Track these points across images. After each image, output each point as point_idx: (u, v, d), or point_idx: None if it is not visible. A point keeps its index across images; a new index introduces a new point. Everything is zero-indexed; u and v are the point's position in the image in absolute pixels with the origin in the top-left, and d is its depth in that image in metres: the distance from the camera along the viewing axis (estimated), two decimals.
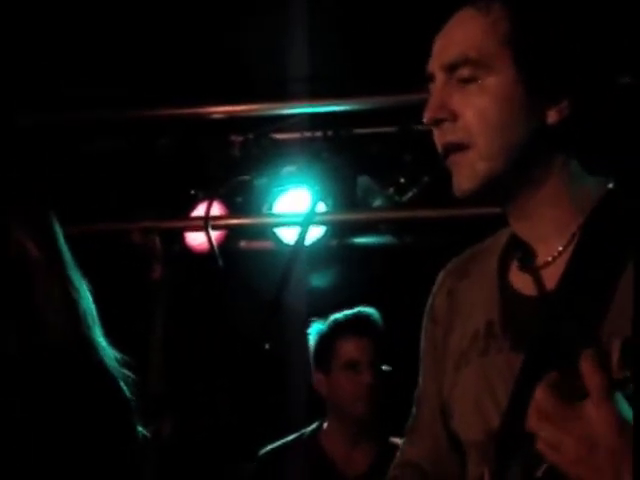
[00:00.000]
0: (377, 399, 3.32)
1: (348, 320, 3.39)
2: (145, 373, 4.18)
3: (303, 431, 3.46)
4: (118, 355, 2.10)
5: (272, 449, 3.43)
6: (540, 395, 1.23)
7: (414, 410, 1.74)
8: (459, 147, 1.49)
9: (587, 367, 1.20)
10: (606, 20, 1.55)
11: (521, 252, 1.54)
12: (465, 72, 1.48)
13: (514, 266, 1.56)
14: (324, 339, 3.39)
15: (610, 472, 1.20)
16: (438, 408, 1.66)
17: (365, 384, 3.29)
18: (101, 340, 2.09)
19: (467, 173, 1.49)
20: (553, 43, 1.47)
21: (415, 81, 1.60)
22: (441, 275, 1.72)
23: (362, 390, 3.30)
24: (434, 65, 1.53)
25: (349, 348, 3.34)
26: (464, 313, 1.62)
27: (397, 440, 3.41)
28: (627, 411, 1.19)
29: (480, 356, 1.55)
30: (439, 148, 1.52)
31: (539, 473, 1.29)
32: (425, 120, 1.51)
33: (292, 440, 3.44)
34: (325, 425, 3.44)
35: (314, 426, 3.46)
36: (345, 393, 3.34)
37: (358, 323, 3.38)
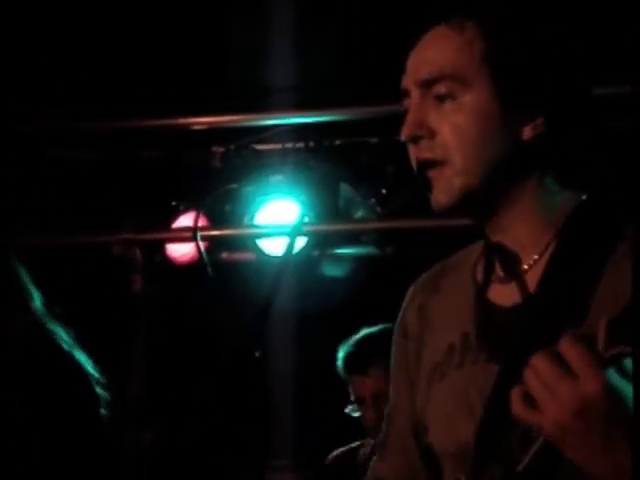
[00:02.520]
0: None
1: (346, 359, 3.47)
2: (127, 383, 4.16)
3: (365, 439, 3.54)
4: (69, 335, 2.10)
5: (338, 453, 3.56)
6: (536, 357, 1.24)
7: (384, 426, 1.74)
8: (436, 163, 1.50)
9: (564, 342, 1.22)
10: (581, 35, 1.57)
11: (496, 263, 1.55)
12: (441, 89, 1.49)
13: (488, 278, 1.56)
14: (341, 374, 3.49)
15: (598, 441, 1.22)
16: (410, 424, 1.66)
17: (371, 420, 3.37)
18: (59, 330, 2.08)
19: (444, 188, 1.50)
20: (528, 61, 1.49)
21: (398, 92, 1.60)
22: (411, 290, 1.71)
23: (370, 425, 3.38)
24: (409, 81, 1.53)
25: (353, 387, 3.46)
26: (437, 328, 1.62)
27: None
28: (619, 384, 1.21)
29: (455, 369, 1.55)
30: (414, 164, 1.53)
31: (520, 468, 1.29)
32: (403, 137, 1.52)
33: (357, 446, 3.56)
34: None
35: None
36: (365, 426, 3.45)
37: (353, 362, 3.45)
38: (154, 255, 4.37)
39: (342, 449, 3.54)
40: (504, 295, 1.52)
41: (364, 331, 3.47)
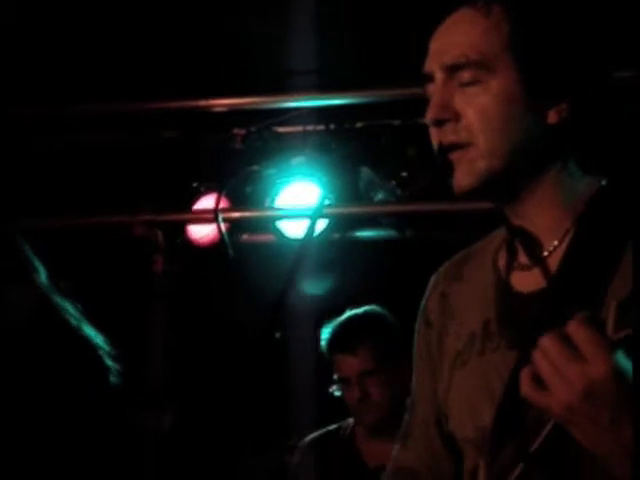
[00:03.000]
0: (374, 407, 3.35)
1: (336, 334, 3.43)
2: (146, 365, 4.19)
3: (343, 422, 3.52)
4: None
5: (315, 437, 3.51)
6: (544, 338, 1.25)
7: (407, 415, 1.74)
8: (459, 146, 1.50)
9: (572, 324, 1.23)
10: (604, 19, 1.56)
11: (517, 249, 1.55)
12: (466, 74, 1.49)
13: (509, 265, 1.57)
14: (325, 354, 3.46)
15: (605, 423, 1.22)
16: (432, 411, 1.66)
17: (356, 399, 3.35)
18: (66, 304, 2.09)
19: (467, 170, 1.50)
20: (553, 45, 1.49)
21: (419, 75, 1.60)
22: (433, 278, 1.73)
23: (355, 404, 3.36)
24: (433, 65, 1.53)
25: (338, 365, 3.41)
26: (459, 315, 1.63)
27: None
28: (627, 366, 1.21)
29: (477, 356, 1.56)
30: (435, 147, 1.53)
31: (533, 447, 1.30)
32: (428, 120, 1.52)
33: (332, 430, 3.52)
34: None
35: (352, 419, 3.50)
36: (348, 405, 3.42)
37: (345, 337, 3.41)
38: (175, 236, 4.39)
39: (319, 432, 3.52)
40: (525, 281, 1.53)
41: (349, 312, 3.45)
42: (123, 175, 4.27)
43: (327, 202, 4.05)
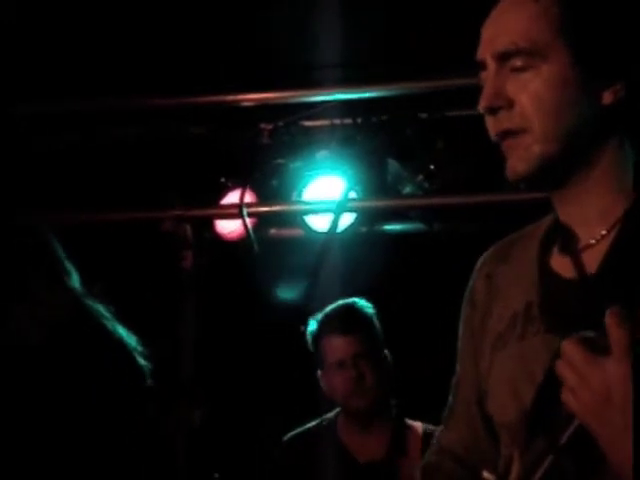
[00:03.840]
0: (368, 391, 3.36)
1: (327, 319, 3.43)
2: (177, 362, 4.21)
3: (324, 417, 3.51)
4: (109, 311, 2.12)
5: (294, 435, 3.48)
6: (567, 344, 1.25)
7: (450, 397, 1.75)
8: (515, 132, 1.49)
9: (611, 322, 1.22)
10: None
11: (563, 235, 1.54)
12: (518, 62, 1.49)
13: (555, 250, 1.56)
14: (315, 340, 3.45)
15: (620, 428, 1.22)
16: (475, 393, 1.67)
17: (351, 380, 3.34)
18: (99, 307, 2.10)
19: (522, 156, 1.49)
20: (605, 25, 1.48)
21: (447, 67, 1.59)
22: (480, 260, 1.72)
23: (350, 386, 3.35)
24: (485, 53, 1.53)
25: (332, 347, 3.40)
26: (502, 297, 1.63)
27: (414, 423, 3.44)
28: None
29: (518, 339, 1.55)
30: (492, 135, 1.52)
31: (563, 439, 1.30)
32: (481, 108, 1.51)
33: (313, 427, 3.50)
34: (340, 415, 3.50)
35: (335, 412, 3.50)
36: (337, 391, 3.41)
37: (336, 320, 3.42)
38: (204, 231, 4.41)
39: (299, 429, 3.50)
40: (568, 266, 1.52)
41: (338, 302, 3.45)
42: (152, 171, 4.29)
43: (352, 196, 4.05)
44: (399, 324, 3.64)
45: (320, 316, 3.44)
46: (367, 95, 3.99)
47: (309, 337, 3.46)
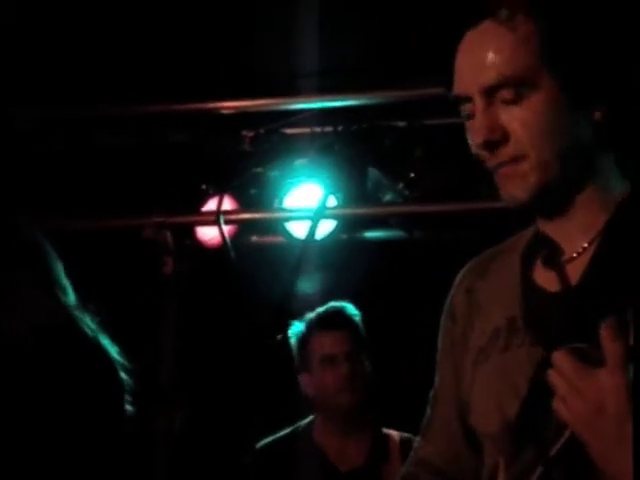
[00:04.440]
0: (359, 388, 3.37)
1: (320, 316, 3.45)
2: (158, 368, 4.20)
3: (298, 424, 3.50)
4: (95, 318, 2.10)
5: (268, 443, 3.46)
6: (558, 354, 1.26)
7: (429, 409, 1.75)
8: (512, 160, 1.50)
9: (606, 334, 1.23)
10: (627, 19, 1.56)
11: (546, 249, 1.55)
12: (507, 94, 1.48)
13: (538, 264, 1.57)
14: (302, 339, 3.45)
15: (613, 438, 1.22)
16: (455, 406, 1.67)
17: (344, 375, 3.34)
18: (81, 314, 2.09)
19: (519, 185, 1.49)
20: (585, 48, 1.49)
21: (425, 76, 1.60)
22: (460, 274, 1.73)
23: (342, 381, 3.35)
24: (469, 87, 1.51)
25: (324, 343, 3.40)
26: (483, 311, 1.64)
27: (390, 431, 3.44)
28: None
29: (501, 351, 1.56)
30: (490, 168, 1.52)
31: (553, 451, 1.31)
32: (479, 145, 1.50)
33: (287, 434, 3.48)
34: (318, 419, 3.49)
35: (309, 419, 3.49)
36: (327, 387, 3.39)
37: (329, 317, 3.45)
38: (185, 238, 4.40)
39: (272, 437, 3.48)
40: (551, 280, 1.53)
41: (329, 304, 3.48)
42: (133, 177, 4.28)
43: (333, 203, 4.06)
44: (379, 331, 3.65)
45: (309, 316, 3.45)
46: (347, 103, 4.01)
47: (294, 338, 3.46)
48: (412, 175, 3.98)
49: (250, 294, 4.05)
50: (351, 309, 3.48)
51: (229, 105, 4.17)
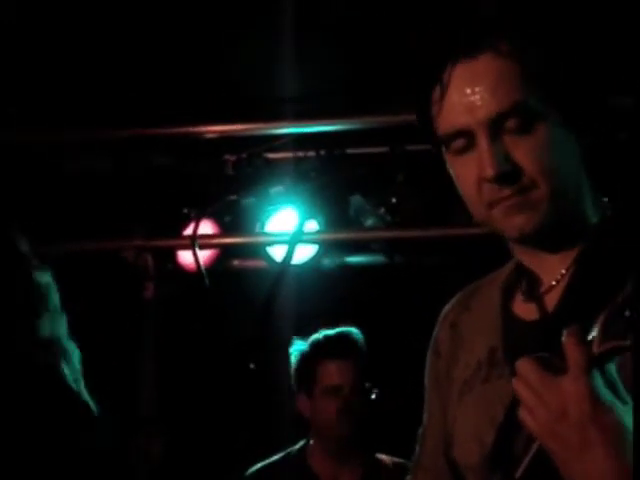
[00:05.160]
0: (361, 419, 3.34)
1: (329, 342, 3.39)
2: (136, 391, 4.18)
3: (290, 450, 3.46)
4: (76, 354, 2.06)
5: (259, 468, 3.42)
6: (522, 363, 1.26)
7: (417, 447, 1.74)
8: (522, 192, 1.47)
9: (569, 341, 1.23)
10: (610, 46, 1.58)
11: (526, 280, 1.56)
12: (514, 123, 1.46)
13: (517, 295, 1.58)
14: (306, 361, 3.40)
15: (576, 445, 1.22)
16: (441, 442, 1.66)
17: (346, 407, 3.30)
18: (65, 342, 2.05)
19: (531, 214, 1.48)
20: (582, 78, 1.50)
21: (407, 101, 1.59)
22: (445, 309, 1.73)
23: (343, 413, 3.31)
24: (470, 121, 1.47)
25: (331, 372, 3.35)
26: (467, 344, 1.64)
27: (383, 457, 3.42)
28: (603, 389, 1.22)
29: (482, 383, 1.57)
30: (490, 201, 1.49)
31: (518, 474, 1.31)
32: (490, 178, 1.46)
33: (279, 459, 3.44)
34: (311, 442, 3.44)
35: (300, 444, 3.46)
36: (329, 416, 3.34)
37: (339, 345, 3.38)
38: (167, 262, 4.39)
39: (263, 463, 3.42)
40: (530, 310, 1.53)
41: (334, 328, 3.41)
42: (115, 201, 4.28)
43: (312, 228, 4.06)
44: None
45: (315, 338, 3.39)
46: (330, 128, 4.02)
47: (296, 357, 3.40)
48: (394, 200, 3.99)
49: (226, 320, 4.04)
50: (357, 334, 3.41)
51: (212, 129, 4.17)
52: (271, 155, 4.17)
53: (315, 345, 3.39)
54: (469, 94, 1.48)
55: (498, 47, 1.47)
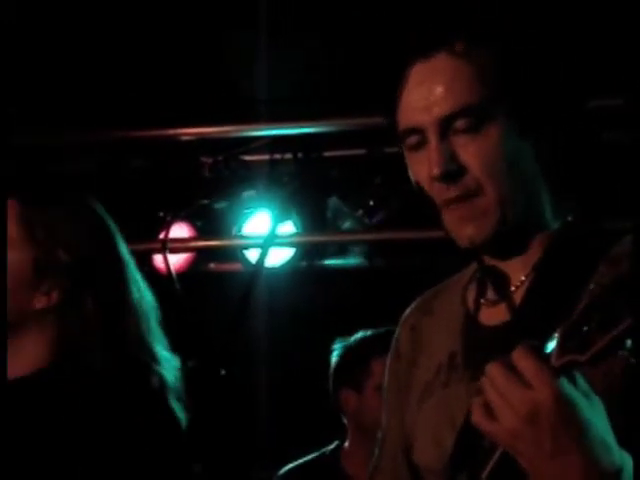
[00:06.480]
0: None
1: (383, 339, 3.36)
2: None
3: (324, 450, 3.42)
4: (175, 360, 2.04)
5: (291, 469, 3.40)
6: (490, 366, 1.26)
7: (377, 450, 1.74)
8: (467, 197, 1.48)
9: (517, 354, 1.23)
10: (580, 50, 1.57)
11: (492, 282, 1.55)
12: (463, 123, 1.47)
13: (478, 300, 1.58)
14: (357, 357, 3.35)
15: (547, 452, 1.22)
16: (400, 445, 1.66)
17: None
18: (160, 348, 2.01)
19: (481, 224, 1.48)
20: (537, 82, 1.49)
21: (379, 103, 1.59)
22: (405, 312, 1.73)
23: None
24: (423, 118, 1.49)
25: (375, 371, 3.28)
26: (428, 348, 1.64)
27: None
28: (572, 394, 1.22)
29: (442, 387, 1.57)
30: (440, 203, 1.49)
31: (484, 475, 1.30)
32: (435, 176, 1.47)
33: (312, 459, 3.41)
34: (346, 445, 3.39)
35: (334, 445, 3.41)
36: (375, 415, 3.31)
37: (380, 343, 3.34)
38: (142, 266, 4.35)
39: (296, 463, 3.40)
40: (491, 316, 1.54)
41: (379, 329, 3.35)
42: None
43: (289, 231, 4.05)
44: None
45: (363, 336, 3.34)
46: (307, 131, 4.01)
47: (344, 353, 3.35)
48: (371, 203, 3.98)
49: (199, 324, 4.02)
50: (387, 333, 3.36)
51: (188, 132, 4.15)
52: (248, 157, 4.16)
53: (368, 341, 3.34)
54: (424, 92, 1.49)
55: (455, 48, 1.48)
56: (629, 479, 1.22)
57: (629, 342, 1.17)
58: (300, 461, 3.41)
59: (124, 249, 2.10)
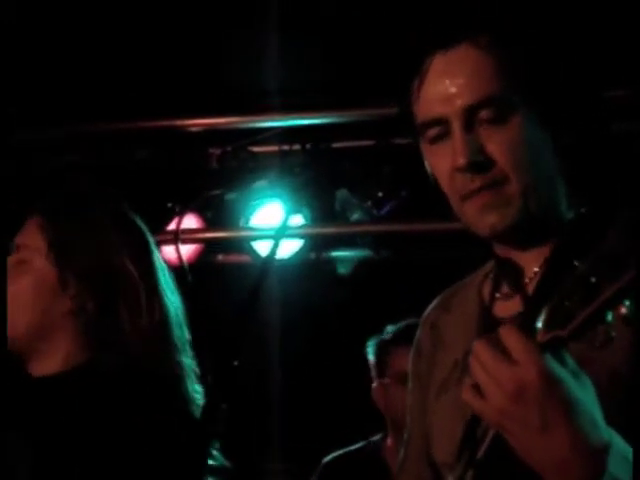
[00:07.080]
0: None
1: (401, 330, 3.36)
2: None
3: (370, 440, 3.44)
4: (196, 366, 2.06)
5: (336, 457, 3.41)
6: (477, 343, 1.26)
7: (402, 450, 1.76)
8: (491, 185, 1.48)
9: (503, 331, 1.23)
10: (595, 43, 1.57)
11: (503, 278, 1.56)
12: (488, 113, 1.47)
13: (493, 296, 1.59)
14: (380, 349, 3.39)
15: (537, 426, 1.21)
16: (423, 446, 1.68)
17: None
18: (188, 361, 2.04)
19: (504, 211, 1.49)
20: (558, 75, 1.50)
21: (393, 95, 1.58)
22: (427, 310, 1.75)
23: None
24: (446, 109, 1.49)
25: (402, 359, 3.31)
26: (446, 345, 1.66)
27: None
28: (558, 370, 1.22)
29: (457, 383, 1.57)
30: (463, 193, 1.50)
31: (480, 454, 1.32)
32: (462, 166, 1.47)
33: (357, 449, 3.42)
34: (388, 437, 3.40)
35: (379, 437, 3.42)
36: (399, 406, 3.31)
37: (410, 333, 3.35)
38: None
39: (340, 452, 3.43)
40: (506, 309, 1.55)
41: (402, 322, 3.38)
42: None
43: (298, 222, 4.04)
44: (347, 350, 3.63)
45: (388, 329, 3.37)
46: (315, 121, 4.00)
47: (373, 347, 3.38)
48: (380, 194, 3.97)
49: (210, 315, 4.03)
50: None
51: (197, 122, 4.15)
52: (256, 149, 4.15)
53: (390, 334, 3.38)
54: (446, 84, 1.49)
55: (476, 39, 1.48)
56: (621, 459, 1.22)
57: (609, 316, 1.17)
58: (345, 450, 3.43)
59: (157, 256, 2.12)
